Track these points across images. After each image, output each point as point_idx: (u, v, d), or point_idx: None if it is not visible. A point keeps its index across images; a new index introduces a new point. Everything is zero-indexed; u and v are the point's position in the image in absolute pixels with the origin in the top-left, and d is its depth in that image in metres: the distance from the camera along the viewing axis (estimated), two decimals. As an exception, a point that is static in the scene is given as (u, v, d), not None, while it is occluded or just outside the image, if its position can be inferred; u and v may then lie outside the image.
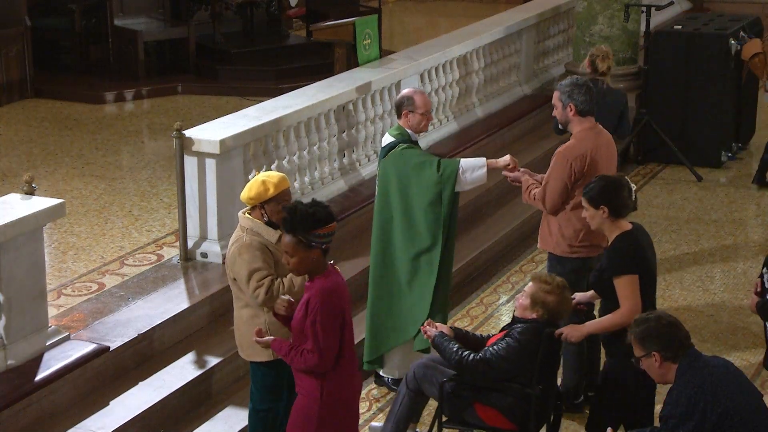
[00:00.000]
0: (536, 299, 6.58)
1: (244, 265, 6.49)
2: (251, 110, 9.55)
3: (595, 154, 7.43)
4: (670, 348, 5.55)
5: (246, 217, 6.62)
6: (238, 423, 7.43)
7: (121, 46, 14.89)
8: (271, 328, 6.57)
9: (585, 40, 13.07)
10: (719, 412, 5.40)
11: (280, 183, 6.56)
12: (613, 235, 6.49)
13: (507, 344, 6.56)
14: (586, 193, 6.52)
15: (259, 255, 6.49)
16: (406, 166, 7.60)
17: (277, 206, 6.49)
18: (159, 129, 12.92)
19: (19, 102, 13.75)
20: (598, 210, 6.45)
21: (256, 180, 6.58)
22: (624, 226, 6.50)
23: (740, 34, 12.60)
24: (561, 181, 7.43)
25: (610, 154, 7.64)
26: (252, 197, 6.57)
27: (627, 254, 6.41)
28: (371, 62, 11.02)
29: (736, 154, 12.96)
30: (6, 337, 7.12)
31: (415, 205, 7.63)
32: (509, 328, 6.69)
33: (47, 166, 11.43)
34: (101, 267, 8.89)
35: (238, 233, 6.63)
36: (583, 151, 7.42)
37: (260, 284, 6.47)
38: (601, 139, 7.56)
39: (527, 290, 6.66)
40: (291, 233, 5.72)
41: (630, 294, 6.36)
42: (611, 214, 6.44)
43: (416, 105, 7.71)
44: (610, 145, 7.65)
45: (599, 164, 7.44)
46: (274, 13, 15.98)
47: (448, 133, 11.78)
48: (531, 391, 6.58)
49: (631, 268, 6.38)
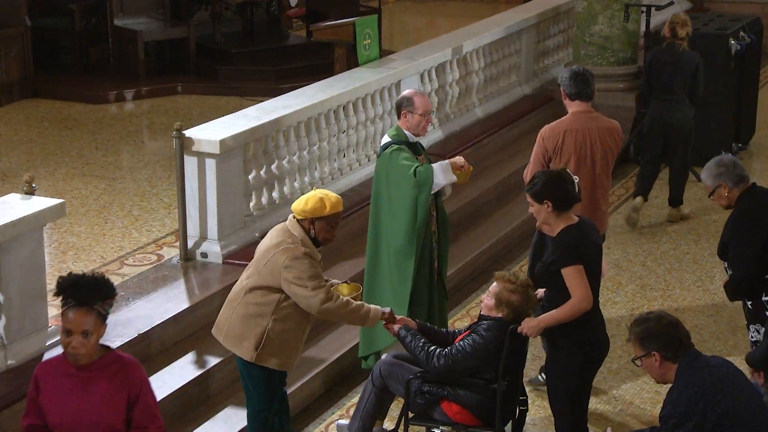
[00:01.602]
0: (501, 299, 6.64)
1: (307, 266, 6.48)
2: (251, 110, 9.55)
3: (577, 135, 7.88)
4: (670, 348, 5.55)
5: (297, 225, 6.62)
6: (238, 423, 7.43)
7: (121, 46, 14.90)
8: (269, 334, 6.56)
9: (585, 40, 13.07)
10: (719, 412, 5.40)
11: (336, 204, 6.63)
12: (559, 228, 6.60)
13: (473, 340, 6.64)
14: (530, 189, 6.67)
15: (316, 263, 6.56)
16: (392, 168, 7.65)
17: (326, 226, 6.58)
18: (159, 129, 12.93)
19: (19, 102, 13.76)
20: (542, 205, 6.59)
21: (314, 195, 6.61)
22: (569, 219, 6.62)
23: (740, 34, 12.61)
24: (536, 157, 7.98)
25: (605, 139, 7.96)
26: (308, 210, 6.57)
27: (572, 246, 6.53)
28: (371, 62, 11.02)
29: (736, 154, 12.95)
30: (6, 337, 7.12)
31: (398, 208, 7.66)
32: (475, 326, 6.75)
33: (47, 166, 11.44)
34: (101, 267, 8.89)
35: (291, 236, 6.58)
36: (557, 131, 7.92)
37: (321, 285, 6.50)
38: (594, 123, 7.98)
39: (492, 290, 6.72)
40: (88, 305, 5.00)
41: (580, 283, 6.49)
42: (555, 208, 6.56)
43: (415, 106, 7.72)
44: (608, 132, 7.99)
45: (585, 146, 7.89)
46: (274, 13, 15.99)
47: (448, 133, 11.78)
48: (497, 386, 6.66)
49: (577, 258, 6.51)
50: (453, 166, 7.69)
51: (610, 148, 8.00)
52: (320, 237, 6.61)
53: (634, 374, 8.29)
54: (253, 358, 6.59)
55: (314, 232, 6.59)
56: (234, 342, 6.68)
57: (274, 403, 6.80)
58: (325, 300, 6.49)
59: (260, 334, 6.57)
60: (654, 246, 10.69)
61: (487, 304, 6.73)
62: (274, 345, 6.59)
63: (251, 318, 6.62)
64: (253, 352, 6.58)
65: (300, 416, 7.64)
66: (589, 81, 7.98)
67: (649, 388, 8.13)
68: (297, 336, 6.67)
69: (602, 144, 7.95)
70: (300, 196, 9.59)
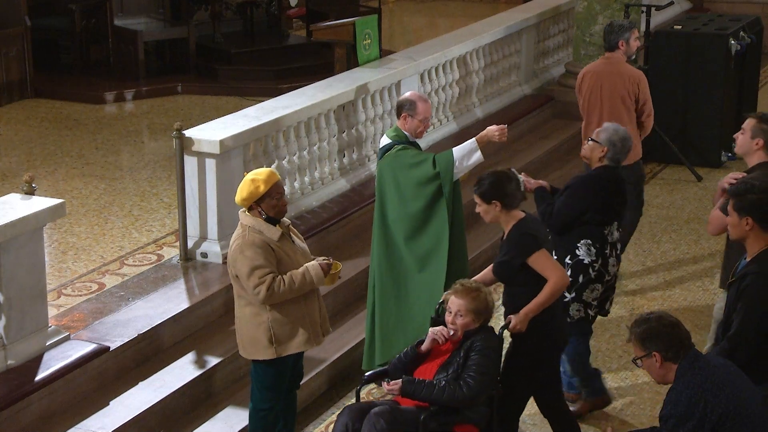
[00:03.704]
0: (478, 309, 6.53)
1: (246, 262, 6.50)
2: (251, 110, 9.55)
3: (592, 77, 9.50)
4: (670, 348, 5.54)
5: (246, 215, 6.65)
6: (238, 423, 7.43)
7: (121, 46, 14.89)
8: (274, 326, 6.59)
9: (585, 40, 13.07)
10: (719, 413, 5.40)
11: (269, 178, 6.61)
12: (510, 225, 6.72)
13: (485, 356, 6.46)
14: (477, 190, 6.78)
15: (261, 252, 6.51)
16: (403, 168, 7.63)
17: (272, 201, 6.59)
18: (159, 129, 12.92)
19: (19, 102, 13.76)
20: (490, 205, 6.71)
21: (245, 181, 6.63)
22: (517, 215, 6.75)
23: (740, 34, 12.60)
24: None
25: (615, 83, 9.37)
26: (245, 198, 6.60)
27: (529, 235, 6.66)
28: (371, 62, 11.02)
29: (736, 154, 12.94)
30: (6, 337, 7.12)
31: (416, 205, 7.65)
32: (467, 344, 6.50)
33: (47, 166, 11.43)
34: (101, 267, 8.89)
35: (239, 231, 6.65)
36: (582, 72, 9.71)
37: (262, 281, 6.48)
38: (609, 68, 9.47)
39: (462, 307, 6.50)
40: None
41: (551, 264, 6.63)
42: (504, 207, 6.69)
43: (417, 111, 7.74)
44: (620, 77, 9.38)
45: (596, 87, 9.44)
46: (274, 13, 15.98)
47: (448, 133, 11.78)
48: (494, 392, 6.67)
49: (538, 245, 6.64)
50: (487, 136, 7.66)
51: (619, 91, 9.34)
52: (273, 213, 6.62)
53: (634, 374, 8.29)
54: (275, 353, 6.63)
55: (264, 212, 6.61)
56: (253, 350, 6.71)
57: (277, 404, 6.83)
58: (268, 296, 6.50)
59: (267, 329, 6.62)
60: (654, 246, 10.69)
61: (463, 323, 6.51)
62: (285, 332, 6.64)
63: (252, 320, 6.65)
64: (272, 349, 6.63)
65: (300, 416, 7.63)
66: (607, 33, 9.50)
67: (649, 388, 8.12)
68: (303, 311, 6.69)
69: (611, 86, 9.38)
70: (300, 196, 9.67)
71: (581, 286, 7.47)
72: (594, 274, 7.48)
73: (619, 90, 9.37)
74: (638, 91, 9.39)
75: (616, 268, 7.65)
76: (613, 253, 7.58)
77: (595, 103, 9.46)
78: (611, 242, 7.54)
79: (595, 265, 7.48)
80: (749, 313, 5.96)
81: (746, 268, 6.08)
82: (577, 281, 7.46)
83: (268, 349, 6.63)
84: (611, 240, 7.54)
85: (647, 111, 9.48)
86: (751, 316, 5.95)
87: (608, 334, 8.95)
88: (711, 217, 7.18)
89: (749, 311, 5.96)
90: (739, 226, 6.05)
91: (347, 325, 8.67)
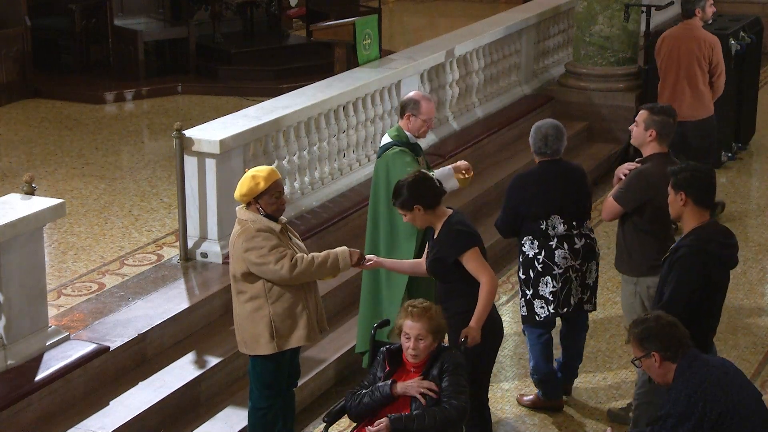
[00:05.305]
0: (439, 329, 6.24)
1: (259, 247, 6.50)
2: (251, 110, 9.55)
3: (671, 41, 10.80)
4: (669, 348, 5.55)
5: (244, 210, 6.66)
6: (238, 423, 7.43)
7: (121, 46, 14.90)
8: (276, 320, 6.60)
9: (585, 40, 13.07)
10: (718, 412, 5.41)
11: (269, 176, 6.62)
12: (440, 224, 6.72)
13: (457, 381, 6.21)
14: (396, 201, 6.77)
15: (270, 236, 6.55)
16: (394, 170, 7.65)
17: (271, 199, 6.60)
18: (159, 129, 12.93)
19: (19, 102, 13.76)
20: (413, 211, 6.69)
21: (245, 177, 6.64)
22: (445, 212, 6.75)
23: (740, 34, 12.60)
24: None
25: (690, 46, 10.63)
26: (244, 193, 6.61)
27: (461, 233, 6.67)
28: (371, 62, 11.02)
29: (736, 154, 12.95)
30: (6, 337, 7.12)
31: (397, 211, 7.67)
32: (438, 365, 6.24)
33: (47, 166, 11.44)
34: (101, 267, 8.89)
35: (238, 227, 6.66)
36: (661, 36, 10.97)
37: (283, 254, 6.50)
38: (686, 33, 10.73)
39: (421, 330, 6.18)
40: None
41: (481, 265, 6.64)
42: (427, 208, 6.68)
43: (421, 111, 7.75)
44: (695, 41, 10.62)
45: (674, 50, 10.71)
46: (274, 13, 15.99)
47: (448, 133, 11.78)
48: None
49: (472, 242, 6.66)
50: (456, 170, 7.71)
51: (695, 54, 10.57)
52: (271, 210, 6.63)
53: (634, 374, 8.29)
54: (276, 348, 6.64)
55: (263, 209, 6.61)
56: (253, 345, 6.72)
57: (275, 402, 6.83)
58: (292, 267, 6.51)
59: (268, 324, 6.62)
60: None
61: (426, 345, 6.19)
62: (286, 325, 6.65)
63: (253, 315, 6.66)
64: (273, 343, 6.64)
65: (300, 416, 7.63)
66: (684, 2, 10.72)
67: (649, 388, 8.12)
68: (304, 304, 6.69)
69: (688, 50, 10.60)
70: (300, 196, 9.67)
71: (534, 281, 7.57)
72: (540, 267, 7.55)
73: (695, 53, 10.60)
74: (712, 54, 10.61)
75: (569, 261, 7.57)
76: (564, 245, 7.56)
77: (672, 65, 10.71)
78: (557, 235, 7.55)
79: (540, 258, 7.54)
80: (680, 284, 6.24)
81: (680, 241, 6.37)
82: (530, 276, 7.58)
83: (270, 344, 6.64)
84: (553, 233, 7.55)
85: (718, 72, 10.69)
86: (681, 288, 6.24)
87: (608, 334, 8.95)
88: (605, 204, 7.39)
89: (680, 282, 6.24)
90: (675, 202, 6.35)
91: (347, 325, 8.67)
